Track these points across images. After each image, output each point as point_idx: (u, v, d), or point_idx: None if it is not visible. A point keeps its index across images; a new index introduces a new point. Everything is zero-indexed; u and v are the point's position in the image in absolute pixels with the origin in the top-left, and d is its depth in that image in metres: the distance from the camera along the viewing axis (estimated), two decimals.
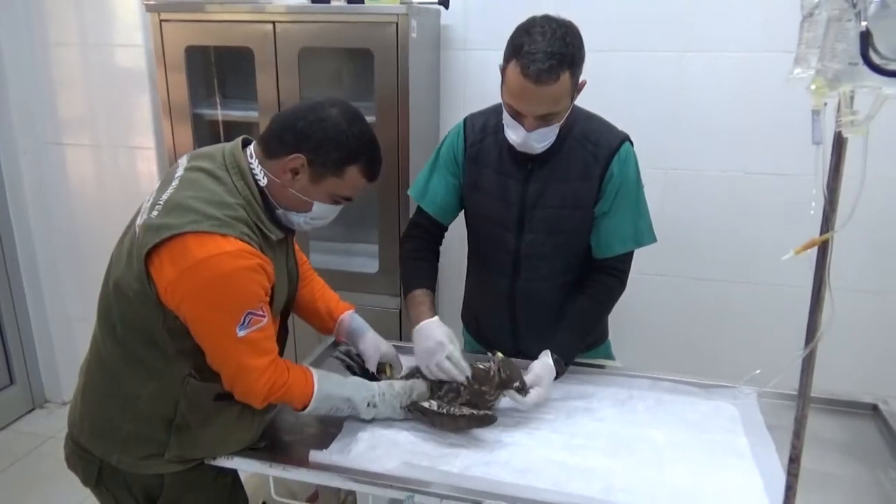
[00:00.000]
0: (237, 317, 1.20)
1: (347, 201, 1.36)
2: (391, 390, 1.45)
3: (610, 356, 1.84)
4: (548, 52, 1.33)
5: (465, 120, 1.67)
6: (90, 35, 2.72)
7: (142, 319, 1.24)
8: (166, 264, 1.18)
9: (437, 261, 1.75)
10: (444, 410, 1.39)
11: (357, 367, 1.61)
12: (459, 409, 1.40)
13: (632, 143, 1.57)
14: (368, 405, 1.41)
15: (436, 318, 1.54)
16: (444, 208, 1.70)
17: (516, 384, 1.43)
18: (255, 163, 1.30)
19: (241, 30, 2.31)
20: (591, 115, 1.59)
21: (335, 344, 1.81)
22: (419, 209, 1.73)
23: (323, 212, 1.35)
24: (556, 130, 1.46)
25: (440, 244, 1.77)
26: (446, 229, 1.76)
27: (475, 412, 1.40)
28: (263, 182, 1.30)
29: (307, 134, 1.26)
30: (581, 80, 1.43)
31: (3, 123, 2.83)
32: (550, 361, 1.50)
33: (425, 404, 1.42)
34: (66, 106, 2.86)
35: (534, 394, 1.45)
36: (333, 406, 1.39)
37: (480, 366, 1.45)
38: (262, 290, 1.23)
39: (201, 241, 1.17)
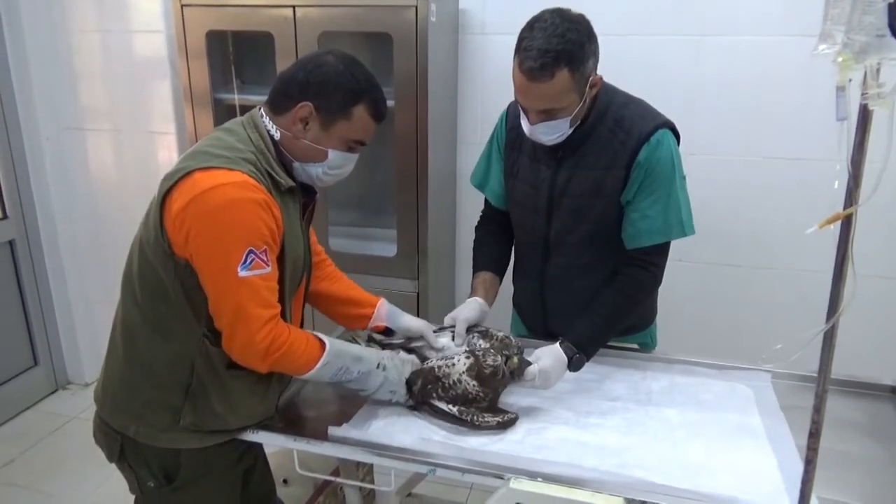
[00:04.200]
0: (239, 251, 1.20)
1: (361, 145, 1.38)
2: (398, 357, 1.48)
3: (647, 342, 1.80)
4: (542, 49, 1.33)
5: (509, 105, 1.68)
6: (111, 22, 2.75)
7: (156, 273, 1.27)
8: (175, 200, 1.22)
9: (507, 241, 1.80)
10: (469, 418, 1.39)
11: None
12: (483, 418, 1.40)
13: (674, 130, 1.53)
14: (379, 366, 1.41)
15: (469, 299, 1.65)
16: (502, 196, 1.75)
17: (519, 364, 1.44)
18: (266, 120, 1.34)
19: (261, 14, 2.33)
20: (629, 100, 1.55)
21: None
22: (486, 198, 1.80)
23: (339, 160, 1.37)
24: (567, 124, 1.45)
25: (509, 228, 1.79)
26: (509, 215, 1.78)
27: (501, 419, 1.40)
28: (277, 136, 1.33)
29: (309, 81, 1.30)
30: (596, 75, 1.44)
31: (26, 109, 2.88)
32: (557, 345, 1.50)
33: (445, 408, 1.41)
34: (88, 92, 2.90)
35: (532, 368, 1.44)
36: (343, 365, 1.36)
37: (487, 370, 1.41)
38: (266, 229, 1.23)
39: (208, 174, 1.21)
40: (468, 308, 1.62)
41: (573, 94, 1.40)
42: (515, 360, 1.43)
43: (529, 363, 1.45)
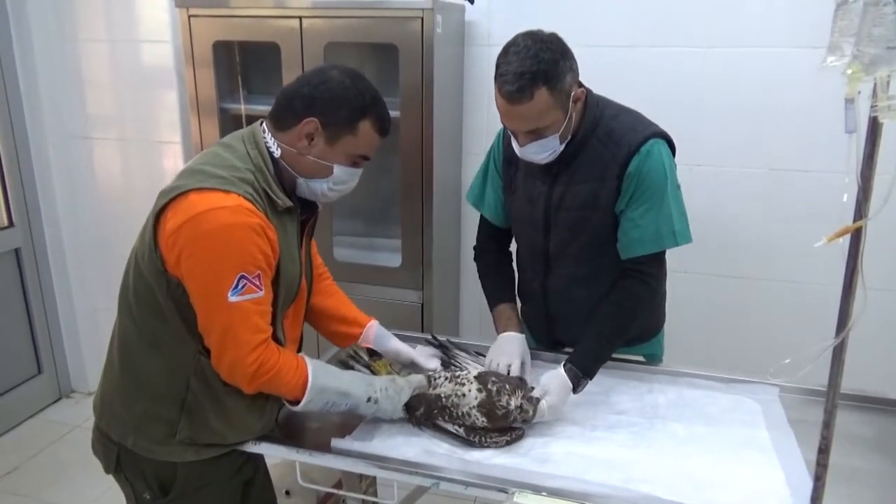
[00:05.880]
0: (230, 276, 1.19)
1: (365, 160, 1.38)
2: (394, 385, 1.42)
3: (653, 353, 1.79)
4: (517, 72, 1.35)
5: None
6: (119, 31, 2.77)
7: (150, 289, 1.26)
8: (170, 219, 1.21)
9: (508, 262, 1.81)
10: (476, 439, 1.38)
11: (362, 365, 1.62)
12: (491, 438, 1.38)
13: (668, 140, 1.54)
14: (369, 400, 1.37)
15: (506, 337, 1.64)
16: (500, 214, 1.75)
17: (532, 413, 1.42)
18: (267, 136, 1.33)
19: (268, 25, 2.34)
20: (620, 111, 1.56)
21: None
22: (482, 217, 1.80)
23: (344, 175, 1.36)
24: (556, 141, 1.46)
25: (509, 246, 1.81)
26: (510, 231, 1.79)
27: (509, 437, 1.39)
28: (277, 153, 1.32)
29: (314, 97, 1.29)
30: (578, 90, 1.45)
31: (33, 117, 2.90)
32: (562, 371, 1.49)
33: (451, 429, 1.40)
34: (95, 101, 2.91)
35: (542, 406, 1.43)
36: (329, 400, 1.35)
37: (499, 411, 1.39)
38: (260, 254, 1.22)
39: (204, 195, 1.20)
40: (511, 346, 1.62)
41: (556, 111, 1.42)
42: (530, 412, 1.41)
43: (539, 400, 1.43)
